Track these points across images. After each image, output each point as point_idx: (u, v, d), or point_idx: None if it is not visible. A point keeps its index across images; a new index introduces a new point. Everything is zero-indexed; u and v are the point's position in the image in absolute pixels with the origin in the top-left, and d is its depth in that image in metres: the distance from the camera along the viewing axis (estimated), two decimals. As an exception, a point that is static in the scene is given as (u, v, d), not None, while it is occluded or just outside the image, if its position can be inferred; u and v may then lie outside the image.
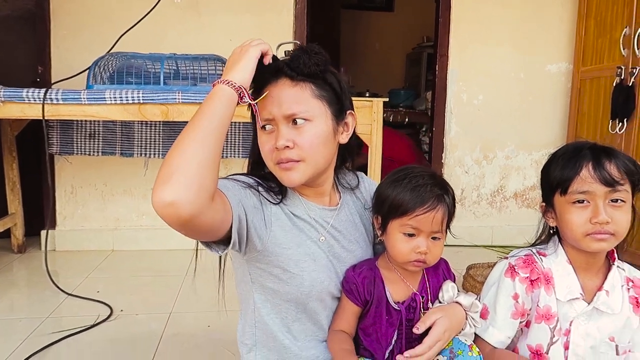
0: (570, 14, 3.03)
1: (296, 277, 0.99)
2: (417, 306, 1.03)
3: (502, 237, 3.08)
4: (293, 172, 0.96)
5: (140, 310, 1.97)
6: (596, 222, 0.97)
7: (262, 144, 0.99)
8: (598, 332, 1.05)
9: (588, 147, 1.02)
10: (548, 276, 1.06)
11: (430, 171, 1.02)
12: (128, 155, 2.74)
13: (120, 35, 2.43)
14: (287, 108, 0.95)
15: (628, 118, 2.54)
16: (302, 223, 1.02)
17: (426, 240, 0.98)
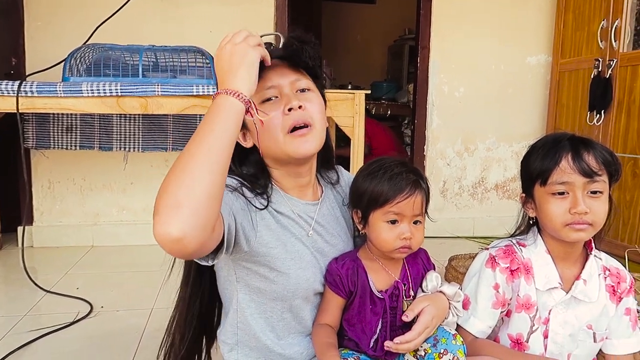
0: (549, 7, 3.06)
1: (282, 276, 0.98)
2: (400, 294, 1.04)
3: (483, 228, 3.11)
4: (308, 138, 0.95)
5: (121, 306, 1.94)
6: (575, 212, 0.98)
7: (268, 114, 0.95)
8: (576, 320, 1.07)
9: (567, 138, 1.03)
10: (527, 266, 1.08)
11: (400, 160, 1.04)
12: (107, 149, 2.69)
13: (97, 26, 2.37)
14: (292, 77, 0.97)
15: (605, 110, 2.58)
16: (286, 220, 1.01)
17: (409, 225, 1.00)
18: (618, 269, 1.12)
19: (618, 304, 1.10)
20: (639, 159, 2.42)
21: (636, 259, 2.17)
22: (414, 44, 3.71)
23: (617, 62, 2.52)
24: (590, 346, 1.09)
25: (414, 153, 3.12)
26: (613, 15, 2.54)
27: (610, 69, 2.54)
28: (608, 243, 2.46)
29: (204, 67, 2.31)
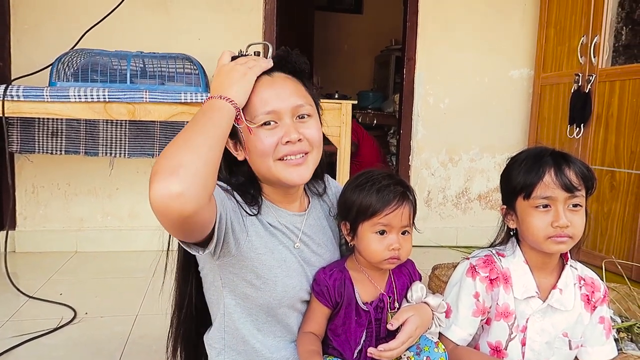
0: (531, 22, 3.14)
1: (269, 283, 1.00)
2: (385, 306, 1.06)
3: (466, 238, 3.16)
4: (302, 167, 0.98)
5: (105, 313, 1.93)
6: (557, 225, 1.02)
7: (261, 140, 0.95)
8: (552, 328, 1.10)
9: (549, 153, 1.07)
10: (506, 275, 1.11)
11: (388, 172, 1.07)
12: (92, 155, 2.68)
13: (86, 31, 2.38)
14: (293, 100, 0.96)
15: (585, 123, 2.65)
16: (274, 230, 1.03)
17: (397, 236, 1.03)
18: (593, 278, 1.16)
19: (592, 312, 1.14)
20: (616, 172, 2.49)
21: (613, 269, 2.23)
22: (400, 55, 3.76)
23: (596, 78, 2.60)
24: (566, 353, 1.13)
25: (399, 163, 3.16)
26: (592, 31, 2.62)
27: (590, 83, 2.62)
28: (586, 254, 2.52)
29: (192, 75, 2.33)
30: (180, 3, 2.73)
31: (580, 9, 2.71)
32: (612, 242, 2.48)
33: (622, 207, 2.44)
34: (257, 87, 0.96)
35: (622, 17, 2.59)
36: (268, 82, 0.97)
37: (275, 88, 0.96)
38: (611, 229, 2.49)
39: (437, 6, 3.04)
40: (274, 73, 0.99)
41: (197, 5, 2.74)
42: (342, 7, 5.71)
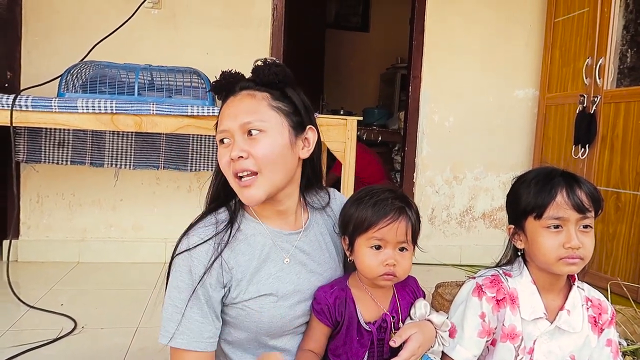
0: (537, 43, 3.16)
1: (254, 314, 0.99)
2: (388, 326, 1.04)
3: (470, 256, 3.14)
4: (252, 188, 0.97)
5: (105, 324, 1.92)
6: (569, 247, 1.01)
7: (219, 157, 1.00)
8: (560, 350, 1.08)
9: (559, 173, 1.06)
10: (513, 296, 1.09)
11: (390, 187, 1.06)
12: (98, 165, 2.69)
13: (95, 44, 2.41)
14: (241, 118, 0.97)
15: (590, 144, 2.65)
16: (265, 250, 1.02)
17: (393, 251, 1.00)
18: (600, 300, 1.15)
19: (600, 335, 1.12)
20: (621, 193, 2.48)
21: (619, 291, 2.20)
22: (405, 72, 3.79)
23: (601, 99, 2.60)
24: None
25: (403, 180, 3.16)
26: (597, 53, 2.63)
27: (595, 105, 2.62)
28: (592, 275, 2.50)
29: (200, 88, 2.35)
30: (189, 18, 2.77)
31: (585, 31, 2.73)
32: (618, 264, 2.46)
33: (628, 228, 2.43)
34: (223, 107, 1.02)
35: (627, 40, 2.60)
36: (230, 102, 1.01)
37: (231, 107, 1.00)
38: (617, 250, 2.47)
39: (443, 26, 3.07)
40: (241, 92, 1.01)
41: (205, 20, 2.78)
42: (349, 25, 5.77)
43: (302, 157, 1.05)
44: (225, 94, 1.04)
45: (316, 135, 1.07)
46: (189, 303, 0.95)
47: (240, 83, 1.02)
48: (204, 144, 2.75)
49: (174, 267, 0.98)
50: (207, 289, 0.95)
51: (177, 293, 0.96)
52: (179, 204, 2.80)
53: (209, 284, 0.96)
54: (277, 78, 1.00)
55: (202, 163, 2.76)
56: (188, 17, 2.77)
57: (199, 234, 0.98)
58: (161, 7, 2.73)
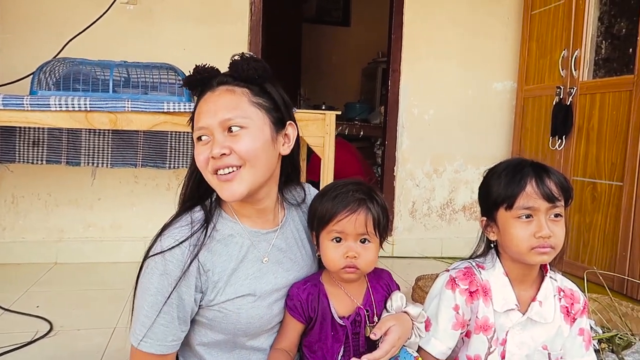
0: (514, 36, 3.18)
1: (232, 315, 0.98)
2: (362, 320, 1.04)
3: (451, 249, 3.16)
4: (234, 183, 0.95)
5: (82, 325, 1.89)
6: (540, 236, 1.02)
7: (197, 155, 0.97)
8: (532, 340, 1.10)
9: (528, 164, 1.07)
10: (486, 288, 1.10)
11: (355, 180, 1.05)
12: (74, 164, 2.64)
13: (68, 41, 2.37)
14: (222, 114, 0.94)
15: (566, 135, 2.68)
16: (239, 253, 1.01)
17: (354, 243, 1.00)
18: (572, 290, 1.16)
19: (572, 324, 1.13)
20: (597, 184, 2.51)
21: (595, 280, 2.24)
22: (386, 67, 3.79)
23: (577, 90, 2.63)
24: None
25: (384, 174, 3.16)
26: (573, 45, 2.66)
27: (571, 96, 2.65)
28: (569, 264, 2.54)
29: (176, 84, 2.32)
30: (165, 13, 2.73)
31: (561, 23, 2.76)
32: (594, 253, 2.50)
33: (604, 218, 2.46)
34: (200, 103, 0.98)
35: (602, 32, 2.63)
36: (208, 97, 0.98)
37: (209, 103, 0.96)
38: (593, 240, 2.51)
39: (421, 19, 3.07)
40: (218, 87, 0.98)
41: (182, 15, 2.74)
42: (330, 20, 5.76)
43: (283, 154, 1.03)
44: (200, 90, 1.00)
45: (296, 131, 1.05)
46: (159, 307, 0.93)
47: (218, 78, 0.99)
48: (182, 141, 2.72)
49: (146, 269, 0.95)
50: (181, 293, 0.93)
51: (147, 296, 0.93)
52: (158, 202, 2.77)
53: (183, 287, 0.93)
54: (257, 73, 0.97)
55: (180, 160, 2.73)
56: (164, 13, 2.73)
57: (174, 235, 0.95)
58: (137, 3, 2.69)
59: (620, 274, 2.33)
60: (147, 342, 0.93)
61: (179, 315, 0.94)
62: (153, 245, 0.96)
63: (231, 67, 0.99)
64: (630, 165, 2.31)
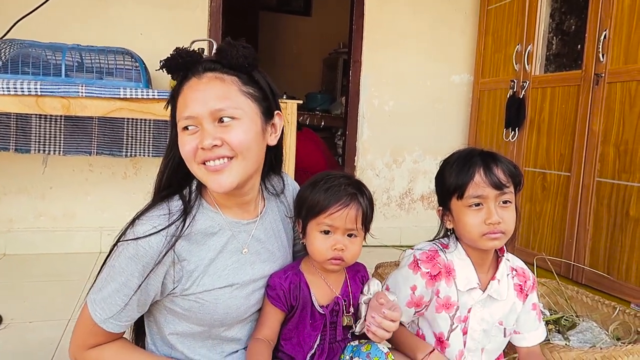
0: (472, 30, 3.26)
1: (208, 305, 0.97)
2: (340, 309, 1.06)
3: (410, 237, 3.23)
4: (224, 174, 0.92)
5: (34, 318, 1.83)
6: (490, 222, 1.06)
7: (182, 145, 0.93)
8: (490, 317, 1.15)
9: (477, 153, 1.11)
10: (450, 268, 1.14)
11: (346, 174, 1.06)
12: (24, 152, 2.53)
13: (17, 21, 2.25)
14: (212, 104, 0.90)
15: (519, 127, 2.79)
16: (219, 243, 0.99)
17: (342, 237, 1.02)
18: (523, 269, 1.23)
19: (525, 300, 1.20)
20: (547, 174, 2.63)
21: (544, 266, 2.35)
22: (347, 58, 3.81)
23: (529, 84, 2.73)
24: (501, 340, 1.19)
25: (344, 164, 3.19)
26: (526, 40, 2.76)
27: (524, 89, 2.75)
28: (519, 251, 2.65)
29: (133, 70, 2.25)
30: (121, -4, 2.64)
31: (515, 18, 2.85)
32: (544, 240, 2.62)
33: (553, 207, 2.58)
34: (184, 89, 0.94)
35: (553, 28, 2.74)
36: (194, 84, 0.92)
37: (197, 91, 0.92)
38: (542, 227, 2.63)
39: (382, 11, 3.10)
40: (205, 74, 0.93)
41: (139, -1, 2.66)
42: (290, 9, 5.71)
43: (270, 144, 1.01)
44: (183, 75, 0.95)
45: (282, 120, 1.03)
46: (121, 289, 0.91)
47: (204, 64, 0.94)
48: (139, 129, 2.65)
49: (116, 251, 0.92)
50: (148, 279, 0.91)
51: (115, 275, 0.92)
52: (115, 191, 2.70)
53: (152, 274, 0.91)
54: (247, 61, 0.93)
55: (138, 148, 2.66)
56: (120, -5, 2.64)
57: (152, 222, 0.91)
58: (90, -16, 2.59)
59: (567, 259, 2.46)
60: (100, 315, 0.92)
61: (140, 298, 0.93)
62: (126, 231, 0.93)
63: (219, 53, 0.94)
64: (577, 156, 2.42)
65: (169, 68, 0.95)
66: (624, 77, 2.20)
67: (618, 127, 2.23)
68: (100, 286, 0.94)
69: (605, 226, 2.29)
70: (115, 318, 0.93)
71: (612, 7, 2.25)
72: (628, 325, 1.82)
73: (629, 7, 2.19)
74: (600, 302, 1.95)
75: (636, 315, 1.80)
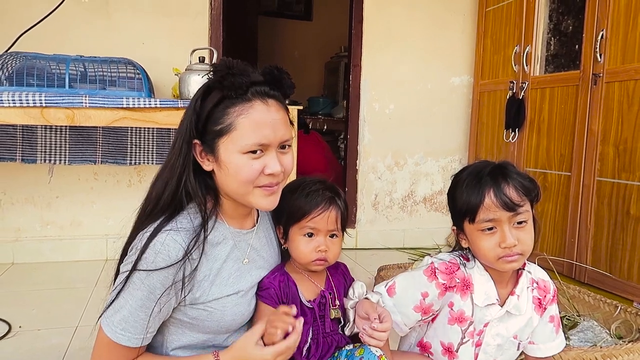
0: (471, 32, 3.28)
1: (216, 313, 1.00)
2: (327, 302, 1.11)
3: (413, 240, 3.25)
4: (276, 195, 1.00)
5: (42, 325, 1.86)
6: (505, 246, 1.02)
7: (244, 167, 0.95)
8: (506, 331, 1.13)
9: (487, 172, 1.06)
10: (468, 282, 1.10)
11: (320, 179, 1.12)
12: (30, 162, 2.57)
13: (21, 34, 2.30)
14: (283, 134, 0.97)
15: (519, 128, 2.80)
16: (224, 253, 1.02)
17: (324, 238, 1.08)
18: (544, 280, 1.18)
19: (543, 313, 1.16)
20: (548, 174, 2.64)
21: (546, 266, 2.36)
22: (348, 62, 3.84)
23: (528, 85, 2.75)
24: (513, 353, 1.17)
25: (347, 167, 3.22)
26: (525, 41, 2.77)
27: (523, 90, 2.77)
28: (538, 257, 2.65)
29: (135, 79, 2.29)
30: (123, 6, 2.68)
31: (513, 20, 2.87)
32: (545, 240, 2.63)
33: (554, 206, 2.59)
34: (252, 112, 0.94)
35: (551, 29, 2.75)
36: (263, 110, 0.95)
37: (268, 118, 0.95)
38: (544, 227, 2.63)
39: (381, 14, 3.13)
40: (269, 100, 0.96)
41: (140, 8, 2.70)
42: (291, 14, 5.75)
43: None
44: (236, 94, 0.94)
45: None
46: (145, 304, 0.92)
47: (262, 87, 0.96)
48: (143, 137, 2.69)
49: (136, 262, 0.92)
50: (169, 290, 0.93)
51: (134, 291, 0.92)
52: (120, 199, 2.74)
53: (175, 289, 0.94)
54: (292, 90, 1.00)
55: (142, 156, 2.70)
56: (121, 6, 2.68)
57: (177, 239, 0.93)
58: (92, -5, 2.63)
59: (569, 259, 2.46)
60: (125, 335, 0.93)
61: (162, 309, 0.94)
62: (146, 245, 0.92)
63: (276, 80, 0.98)
64: (577, 156, 2.44)
65: (225, 86, 0.94)
66: (622, 76, 2.21)
67: (617, 126, 2.24)
68: (121, 306, 0.93)
69: (607, 225, 2.30)
70: (140, 332, 0.93)
71: (609, 7, 2.26)
72: (630, 324, 1.83)
73: (626, 7, 2.20)
74: (602, 301, 1.96)
75: (638, 314, 1.81)
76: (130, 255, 0.95)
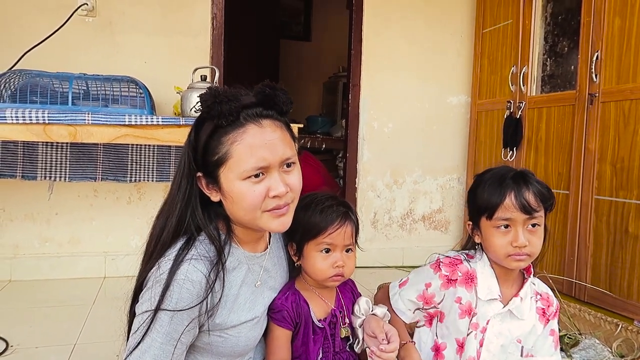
0: (468, 52, 3.34)
1: (231, 339, 0.99)
2: (337, 321, 1.11)
3: (411, 258, 3.24)
4: (287, 216, 0.97)
5: (40, 343, 1.84)
6: (516, 245, 1.10)
7: (247, 193, 0.93)
8: (509, 333, 1.18)
9: (510, 175, 1.14)
10: (472, 275, 1.18)
11: (331, 194, 1.13)
12: (30, 178, 2.58)
13: (25, 52, 2.33)
14: (283, 153, 0.93)
15: (517, 147, 2.83)
16: (239, 278, 1.01)
17: (341, 254, 1.08)
18: (548, 294, 1.25)
19: (546, 325, 1.21)
20: (546, 192, 2.66)
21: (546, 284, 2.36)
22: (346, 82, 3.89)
23: (525, 104, 2.79)
24: (517, 359, 1.19)
25: (346, 185, 3.23)
26: (521, 62, 2.82)
27: (520, 110, 2.80)
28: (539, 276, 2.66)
29: (137, 97, 2.31)
30: (126, 26, 2.72)
31: (509, 41, 2.92)
32: (545, 258, 2.63)
33: (553, 225, 2.60)
34: (245, 137, 0.92)
35: (547, 50, 2.81)
36: (257, 133, 0.92)
37: (265, 140, 0.92)
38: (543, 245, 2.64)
39: (380, 35, 3.18)
40: (263, 120, 0.93)
41: (142, 28, 2.74)
42: (290, 34, 5.84)
43: None
44: (229, 120, 0.92)
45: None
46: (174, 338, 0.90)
47: (255, 109, 0.94)
48: (143, 154, 2.70)
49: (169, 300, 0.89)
50: (195, 324, 0.92)
51: (161, 327, 0.89)
52: (119, 216, 2.73)
53: (199, 320, 0.93)
54: (290, 107, 0.98)
55: (142, 173, 2.70)
56: (125, 25, 2.72)
57: (200, 268, 0.91)
58: (96, 15, 2.67)
59: (569, 277, 2.46)
60: None
61: (190, 339, 0.93)
62: (170, 279, 0.89)
63: (269, 98, 0.95)
64: (575, 174, 2.46)
65: (215, 114, 0.91)
66: (617, 96, 2.25)
67: (614, 145, 2.27)
68: (149, 345, 0.88)
69: (606, 243, 2.31)
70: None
71: (603, 29, 2.31)
72: (631, 342, 1.82)
73: (619, 29, 2.25)
74: (603, 319, 1.96)
75: (639, 332, 1.81)
76: (148, 289, 0.91)
